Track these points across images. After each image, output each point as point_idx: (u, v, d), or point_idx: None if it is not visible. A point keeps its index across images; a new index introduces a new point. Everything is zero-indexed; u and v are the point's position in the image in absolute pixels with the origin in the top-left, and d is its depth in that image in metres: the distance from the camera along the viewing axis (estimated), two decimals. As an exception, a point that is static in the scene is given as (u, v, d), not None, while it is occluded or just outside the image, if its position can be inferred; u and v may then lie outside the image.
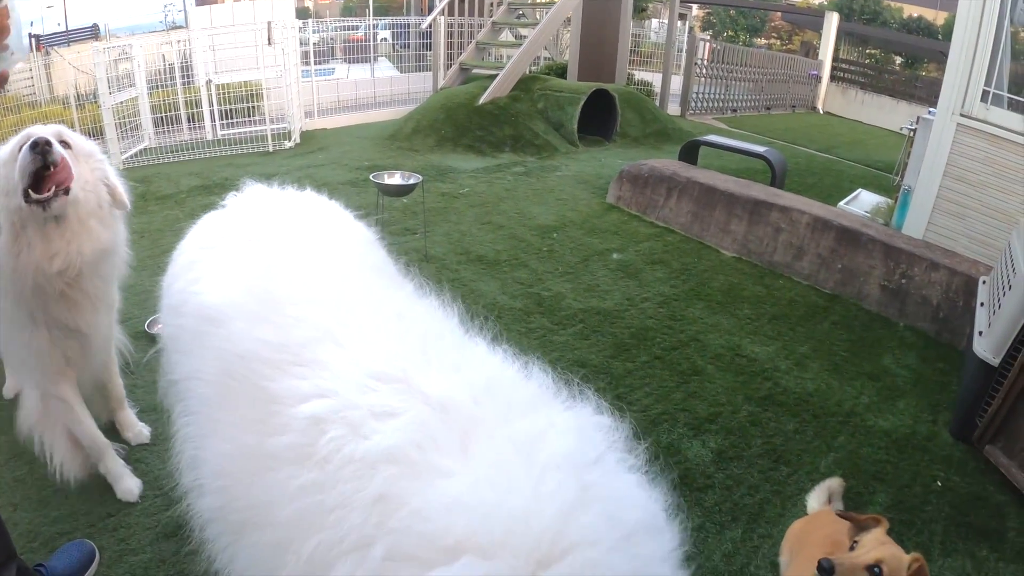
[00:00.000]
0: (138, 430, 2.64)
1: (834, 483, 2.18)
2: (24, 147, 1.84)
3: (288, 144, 8.13)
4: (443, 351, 1.26)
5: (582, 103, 7.21)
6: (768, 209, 4.37)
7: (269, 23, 8.35)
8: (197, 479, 1.38)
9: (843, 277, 4.00)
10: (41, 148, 1.83)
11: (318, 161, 7.02)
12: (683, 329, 3.44)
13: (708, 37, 20.84)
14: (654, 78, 11.38)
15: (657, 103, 10.12)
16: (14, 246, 1.92)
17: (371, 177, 3.81)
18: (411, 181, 3.79)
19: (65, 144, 1.99)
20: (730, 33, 27.54)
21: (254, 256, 1.58)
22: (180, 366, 1.54)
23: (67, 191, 1.89)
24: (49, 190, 1.85)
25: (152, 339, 3.35)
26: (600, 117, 7.62)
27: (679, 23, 11.67)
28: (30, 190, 1.84)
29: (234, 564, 1.23)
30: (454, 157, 6.51)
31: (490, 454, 1.03)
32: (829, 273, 4.06)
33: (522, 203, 4.91)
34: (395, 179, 3.87)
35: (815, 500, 2.15)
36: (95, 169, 2.10)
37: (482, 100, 7.30)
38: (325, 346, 1.26)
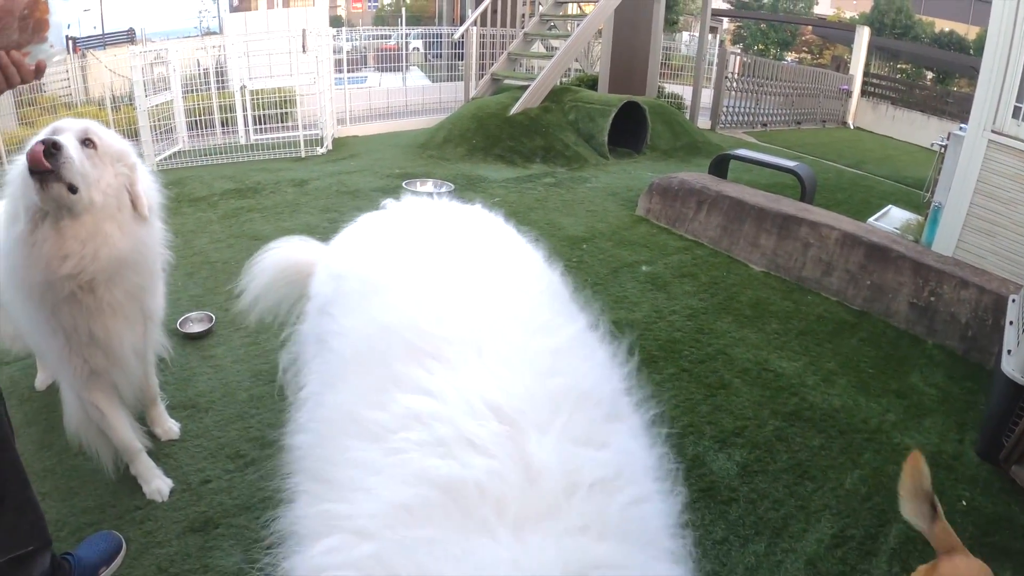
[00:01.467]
0: (168, 427, 2.69)
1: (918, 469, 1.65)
2: (41, 143, 1.82)
3: (320, 151, 8.22)
4: (580, 414, 1.09)
5: (612, 115, 7.26)
6: (798, 224, 4.38)
7: (304, 31, 8.45)
8: (303, 417, 1.41)
9: (872, 294, 4.01)
10: (47, 147, 1.81)
11: (350, 168, 7.10)
12: (710, 343, 3.46)
13: (739, 51, 20.84)
14: (684, 91, 11.42)
15: (687, 116, 10.14)
16: (30, 237, 1.90)
17: (403, 184, 3.85)
18: (442, 190, 3.84)
19: (90, 143, 1.98)
20: (761, 47, 27.52)
21: (425, 248, 1.55)
22: (330, 322, 1.51)
23: (72, 189, 1.85)
24: (48, 169, 1.81)
25: (183, 338, 3.47)
26: (630, 129, 7.68)
27: (710, 36, 11.68)
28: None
29: (292, 505, 1.21)
30: (485, 167, 6.58)
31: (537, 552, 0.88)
32: (858, 289, 4.07)
33: (552, 214, 4.96)
34: (427, 187, 3.92)
35: (910, 509, 1.67)
36: (120, 174, 2.06)
37: (513, 111, 7.37)
38: (466, 352, 1.17)
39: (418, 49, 14.15)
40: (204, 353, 3.32)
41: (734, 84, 12.17)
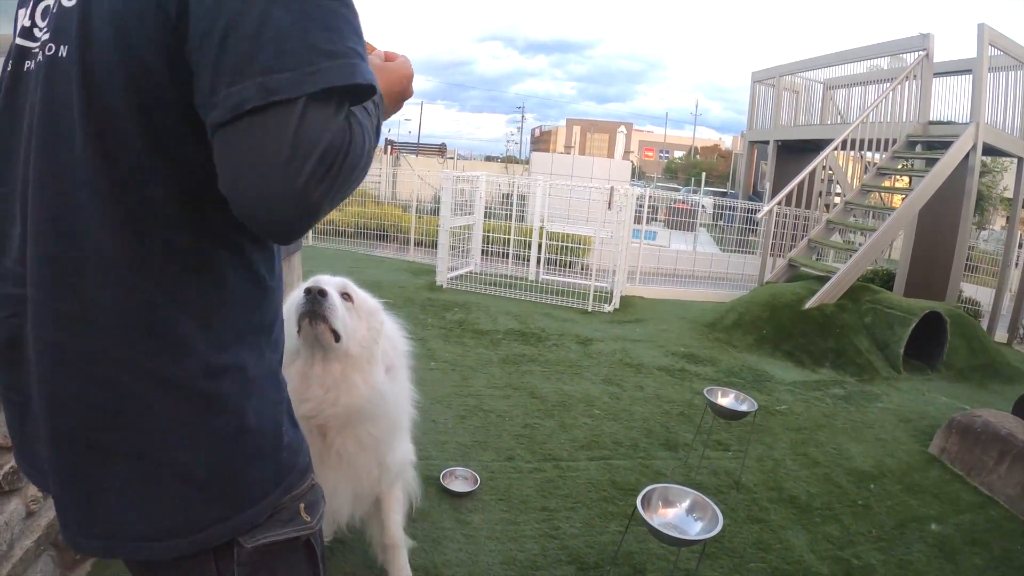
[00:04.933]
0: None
1: None
2: (301, 289, 2.01)
3: (607, 308, 8.47)
4: None
5: (913, 325, 6.95)
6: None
7: (612, 188, 8.86)
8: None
9: None
10: (313, 295, 1.98)
11: (635, 334, 7.28)
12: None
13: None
14: (978, 293, 10.68)
15: (984, 325, 9.46)
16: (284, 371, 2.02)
17: (704, 392, 3.92)
18: (743, 407, 3.86)
19: (347, 297, 2.15)
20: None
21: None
22: None
23: (336, 336, 2.00)
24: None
25: (443, 492, 3.60)
26: (923, 337, 7.24)
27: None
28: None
29: None
30: (772, 363, 6.53)
31: None
32: None
33: (840, 436, 4.83)
34: (728, 399, 3.95)
35: None
36: (372, 328, 2.18)
37: (809, 304, 7.28)
38: None
39: (705, 208, 14.28)
40: (460, 516, 3.43)
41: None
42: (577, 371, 5.86)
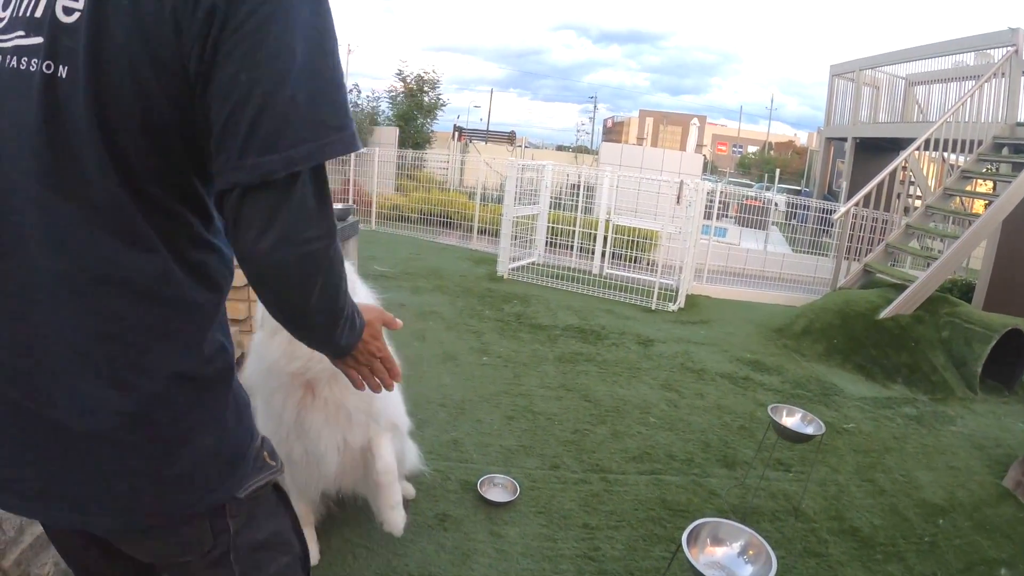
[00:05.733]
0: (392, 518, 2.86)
1: None
2: None
3: (671, 307, 8.24)
4: None
5: (993, 343, 6.51)
6: None
7: (681, 183, 8.57)
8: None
9: None
10: None
11: (698, 336, 7.03)
12: None
13: None
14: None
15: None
16: (270, 340, 2.30)
17: (769, 410, 3.65)
18: (809, 429, 3.58)
19: None
20: None
21: None
22: None
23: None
24: None
25: (478, 499, 3.48)
26: (1002, 356, 6.73)
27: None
28: None
29: None
30: (841, 375, 6.20)
31: None
32: None
33: (909, 461, 4.51)
34: (794, 419, 3.68)
35: None
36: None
37: (883, 314, 6.90)
38: None
39: (778, 207, 13.73)
40: (495, 528, 3.28)
41: None
42: (635, 374, 5.64)
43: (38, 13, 0.97)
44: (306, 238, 1.01)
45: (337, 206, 6.70)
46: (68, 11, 0.95)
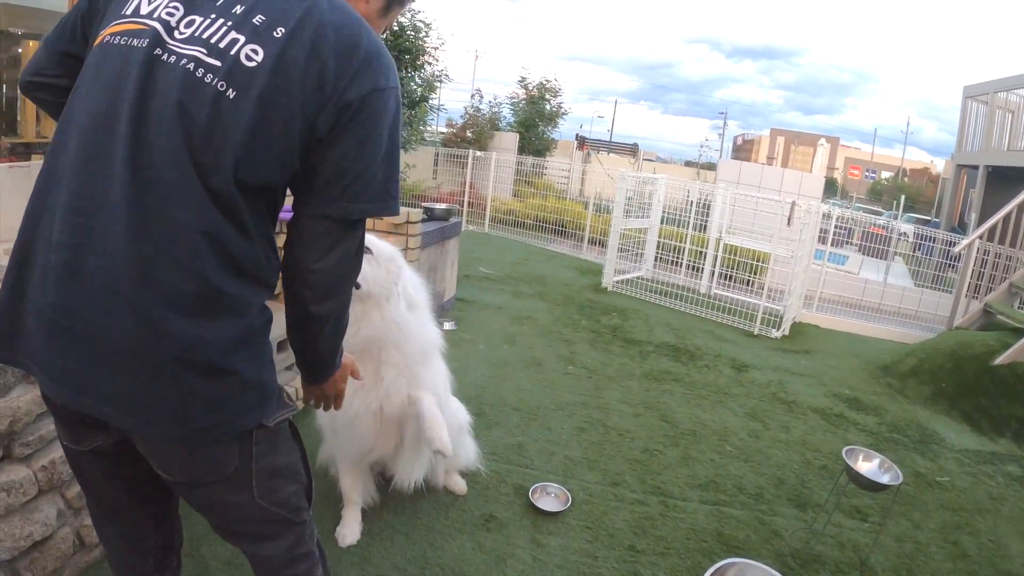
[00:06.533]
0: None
1: None
2: None
3: (775, 333, 7.95)
4: None
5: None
6: None
7: (793, 203, 8.24)
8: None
9: None
10: None
11: (797, 366, 6.74)
12: None
13: None
14: None
15: None
16: None
17: (843, 452, 3.40)
18: (885, 478, 3.29)
19: (367, 250, 2.49)
20: None
21: None
22: None
23: (356, 285, 2.28)
24: None
25: (527, 506, 3.44)
26: None
27: None
28: None
29: None
30: (945, 422, 5.75)
31: None
32: None
33: (1003, 526, 4.07)
34: (871, 464, 3.39)
35: None
36: (390, 272, 2.61)
37: (1000, 359, 6.37)
38: None
39: (906, 236, 12.84)
40: (537, 536, 3.20)
41: None
42: (721, 399, 5.44)
43: (221, 44, 1.31)
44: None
45: (441, 206, 6.76)
46: (250, 58, 1.31)
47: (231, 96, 1.29)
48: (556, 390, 5.14)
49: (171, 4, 1.36)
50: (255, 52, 1.31)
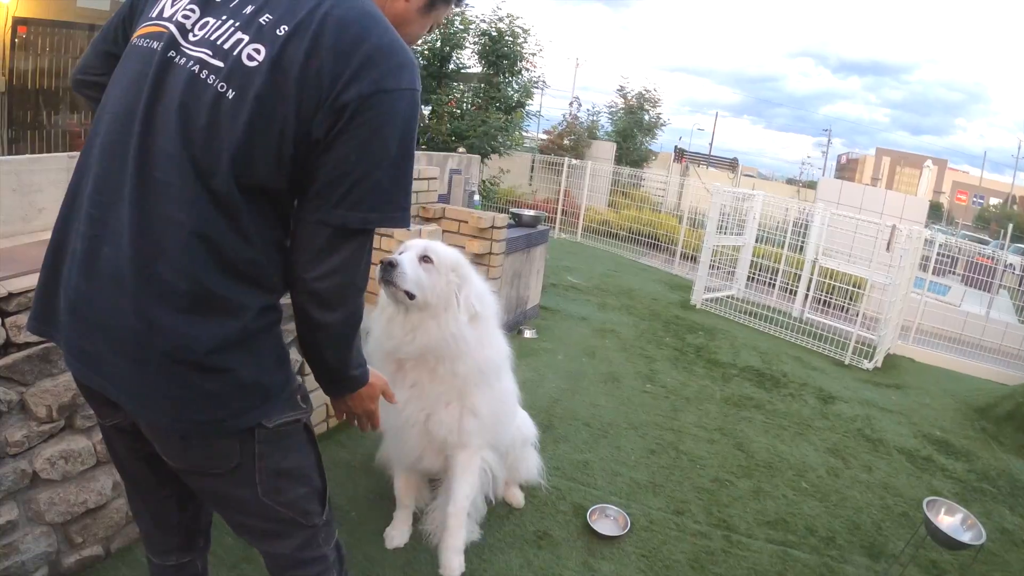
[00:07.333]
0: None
1: None
2: (383, 260, 2.41)
3: (866, 364, 7.64)
4: None
5: None
6: None
7: (894, 227, 7.87)
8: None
9: None
10: (384, 266, 2.39)
11: (887, 401, 6.45)
12: None
13: None
14: None
15: None
16: (380, 316, 2.59)
17: (923, 504, 3.16)
18: (966, 536, 3.03)
19: (427, 259, 2.50)
20: None
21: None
22: None
23: (411, 295, 2.42)
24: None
25: (583, 528, 3.35)
26: None
27: None
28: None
29: None
30: (1040, 475, 5.43)
31: None
32: None
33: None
34: (953, 520, 3.13)
35: None
36: (450, 282, 2.53)
37: (1109, 412, 6.01)
38: None
39: (1012, 269, 11.96)
40: (589, 559, 3.14)
41: None
42: (803, 431, 5.24)
43: (226, 45, 1.33)
44: (342, 283, 1.43)
45: (529, 212, 6.71)
46: (251, 58, 1.31)
47: (230, 97, 1.31)
48: (631, 408, 5.04)
49: (189, 7, 1.39)
50: (257, 52, 1.32)
